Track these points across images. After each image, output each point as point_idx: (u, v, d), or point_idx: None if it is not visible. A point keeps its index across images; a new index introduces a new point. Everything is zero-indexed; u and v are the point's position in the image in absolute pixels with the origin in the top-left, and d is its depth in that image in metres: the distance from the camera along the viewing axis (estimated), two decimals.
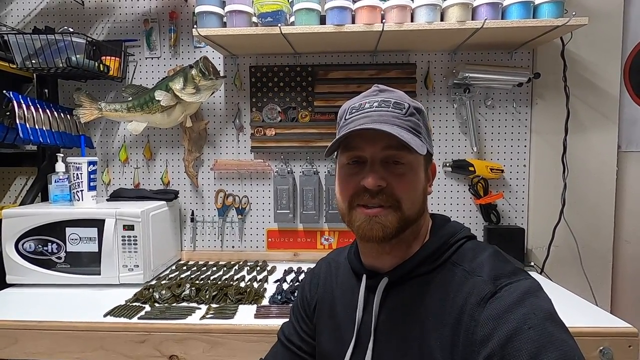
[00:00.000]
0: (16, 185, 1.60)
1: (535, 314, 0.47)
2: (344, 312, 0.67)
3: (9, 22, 1.54)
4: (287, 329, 0.77)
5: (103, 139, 1.57)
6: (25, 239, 1.24)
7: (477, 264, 0.56)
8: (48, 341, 0.99)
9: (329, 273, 0.74)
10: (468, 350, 0.49)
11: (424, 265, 0.59)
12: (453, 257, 0.58)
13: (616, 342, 0.92)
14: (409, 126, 0.58)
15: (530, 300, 0.49)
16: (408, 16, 1.22)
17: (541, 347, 0.45)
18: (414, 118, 0.60)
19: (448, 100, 1.49)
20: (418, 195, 0.60)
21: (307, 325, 0.75)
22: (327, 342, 0.69)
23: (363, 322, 0.63)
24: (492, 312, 0.49)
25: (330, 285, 0.73)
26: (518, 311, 0.48)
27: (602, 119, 1.45)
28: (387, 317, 0.60)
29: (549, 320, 0.47)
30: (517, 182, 1.49)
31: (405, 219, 0.58)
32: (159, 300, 1.11)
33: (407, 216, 0.58)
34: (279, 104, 1.50)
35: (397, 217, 0.57)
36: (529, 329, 0.46)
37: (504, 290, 0.50)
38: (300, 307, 0.76)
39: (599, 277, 1.46)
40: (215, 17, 1.27)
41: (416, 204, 0.59)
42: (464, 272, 0.55)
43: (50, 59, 1.29)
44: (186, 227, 1.57)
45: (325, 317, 0.71)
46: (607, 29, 1.42)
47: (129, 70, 1.54)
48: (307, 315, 0.75)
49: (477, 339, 0.48)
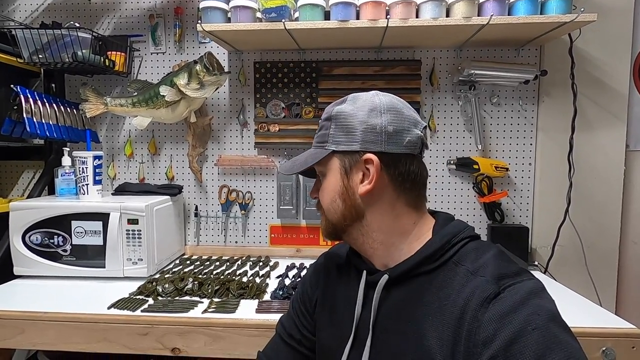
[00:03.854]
0: (24, 178, 1.63)
1: (539, 315, 0.47)
2: (344, 307, 0.67)
3: (17, 16, 1.55)
4: (287, 322, 0.77)
5: (109, 134, 1.59)
6: (32, 232, 1.26)
7: (480, 264, 0.55)
8: (53, 332, 1.01)
9: (330, 267, 0.74)
10: (470, 350, 0.49)
11: (426, 264, 0.59)
12: (455, 257, 0.58)
13: (619, 343, 0.91)
14: (315, 142, 0.66)
15: (534, 301, 0.49)
16: (413, 12, 1.21)
17: (545, 348, 0.44)
18: (322, 131, 0.65)
19: (453, 97, 1.47)
20: (333, 198, 0.63)
21: (307, 320, 0.75)
22: (327, 337, 0.69)
23: (362, 319, 0.63)
24: (496, 313, 0.48)
25: (331, 280, 0.73)
26: (522, 312, 0.47)
27: (610, 118, 1.42)
28: (386, 314, 0.60)
29: (552, 321, 0.47)
30: (522, 180, 1.48)
31: (331, 223, 0.65)
32: (162, 294, 1.13)
33: (331, 219, 0.65)
34: (283, 100, 1.50)
35: (325, 221, 0.66)
36: (533, 330, 0.46)
37: (508, 291, 0.50)
38: (301, 302, 0.77)
39: (604, 278, 1.44)
40: (220, 12, 1.27)
41: (336, 208, 0.63)
42: (467, 271, 0.55)
43: (57, 54, 1.31)
44: (190, 221, 1.58)
45: (326, 312, 0.71)
46: (616, 26, 1.39)
47: (134, 66, 1.55)
48: (307, 310, 0.75)
49: (480, 340, 0.48)
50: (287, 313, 0.80)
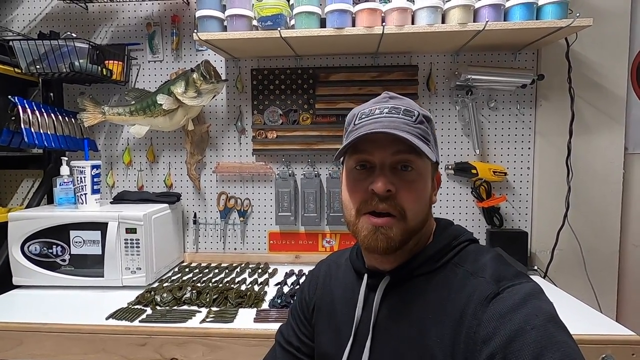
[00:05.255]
0: (23, 187, 1.63)
1: (537, 315, 0.48)
2: (344, 311, 0.67)
3: (15, 27, 1.56)
4: (286, 330, 0.78)
5: (107, 142, 1.59)
6: (31, 242, 1.26)
7: (480, 265, 0.56)
8: (51, 343, 1.01)
9: (328, 274, 0.75)
10: (470, 348, 0.49)
11: (426, 266, 0.60)
12: (455, 259, 0.59)
13: (619, 350, 0.90)
14: (419, 133, 0.58)
15: (533, 302, 0.49)
16: (409, 18, 1.21)
17: (543, 347, 0.45)
18: (423, 126, 0.60)
19: (450, 102, 1.47)
20: (423, 204, 0.60)
21: (306, 327, 0.75)
22: (326, 342, 0.69)
23: (362, 320, 0.63)
24: (495, 312, 0.49)
25: (329, 285, 0.73)
26: (521, 312, 0.48)
27: (608, 121, 1.42)
28: (387, 315, 0.61)
29: (551, 322, 0.48)
30: (521, 184, 1.48)
31: (409, 230, 0.58)
32: (160, 304, 1.13)
33: (411, 227, 0.58)
34: (280, 107, 1.50)
35: (401, 228, 0.57)
36: (531, 329, 0.46)
37: (507, 292, 0.51)
38: (299, 309, 0.77)
39: (604, 283, 1.44)
40: (216, 21, 1.27)
41: (420, 214, 0.59)
42: (466, 272, 0.56)
43: (54, 64, 1.31)
44: (189, 229, 1.58)
45: (325, 318, 0.71)
46: (613, 29, 1.39)
47: (132, 74, 1.55)
48: (305, 317, 0.75)
49: (480, 338, 0.49)
50: (287, 321, 0.80)
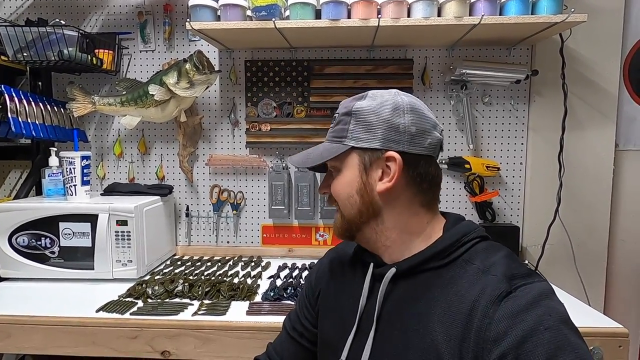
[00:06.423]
0: (11, 178, 1.60)
1: (550, 315, 0.48)
2: (349, 300, 0.67)
3: (1, 13, 1.52)
4: (293, 316, 0.79)
5: (97, 133, 1.56)
6: (18, 233, 1.23)
7: (491, 263, 0.55)
8: (41, 336, 0.99)
9: (335, 262, 0.75)
10: (479, 347, 0.49)
11: (434, 260, 0.59)
12: (465, 255, 0.58)
13: (607, 342, 0.92)
14: (332, 137, 0.65)
15: (546, 302, 0.49)
16: (404, 11, 1.20)
17: (557, 348, 0.45)
18: (339, 126, 0.64)
19: (445, 96, 1.47)
20: (350, 195, 0.63)
21: (310, 313, 0.76)
22: (329, 329, 0.70)
23: (366, 311, 0.63)
24: (507, 311, 0.48)
25: (336, 273, 0.73)
26: (534, 312, 0.48)
27: (600, 117, 1.43)
28: (391, 307, 0.61)
29: (564, 323, 0.48)
30: (514, 180, 1.49)
31: (347, 220, 0.64)
32: (152, 296, 1.12)
33: (347, 216, 0.64)
34: (274, 99, 1.48)
35: (339, 219, 0.66)
36: (545, 330, 0.46)
37: (519, 291, 0.50)
38: (305, 295, 0.78)
39: (593, 277, 1.46)
40: (209, 10, 1.25)
41: (353, 203, 0.63)
42: (477, 269, 0.55)
43: (42, 52, 1.27)
44: (181, 222, 1.57)
45: (329, 305, 0.71)
46: (607, 26, 1.40)
47: (123, 64, 1.52)
48: (310, 303, 0.76)
49: (491, 337, 0.48)
50: (294, 307, 0.81)
